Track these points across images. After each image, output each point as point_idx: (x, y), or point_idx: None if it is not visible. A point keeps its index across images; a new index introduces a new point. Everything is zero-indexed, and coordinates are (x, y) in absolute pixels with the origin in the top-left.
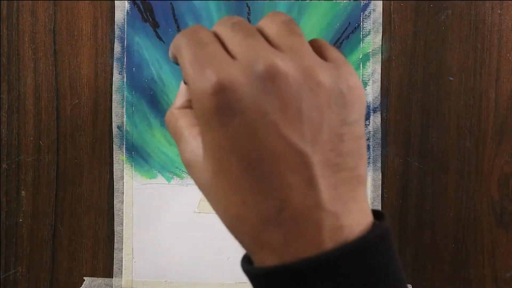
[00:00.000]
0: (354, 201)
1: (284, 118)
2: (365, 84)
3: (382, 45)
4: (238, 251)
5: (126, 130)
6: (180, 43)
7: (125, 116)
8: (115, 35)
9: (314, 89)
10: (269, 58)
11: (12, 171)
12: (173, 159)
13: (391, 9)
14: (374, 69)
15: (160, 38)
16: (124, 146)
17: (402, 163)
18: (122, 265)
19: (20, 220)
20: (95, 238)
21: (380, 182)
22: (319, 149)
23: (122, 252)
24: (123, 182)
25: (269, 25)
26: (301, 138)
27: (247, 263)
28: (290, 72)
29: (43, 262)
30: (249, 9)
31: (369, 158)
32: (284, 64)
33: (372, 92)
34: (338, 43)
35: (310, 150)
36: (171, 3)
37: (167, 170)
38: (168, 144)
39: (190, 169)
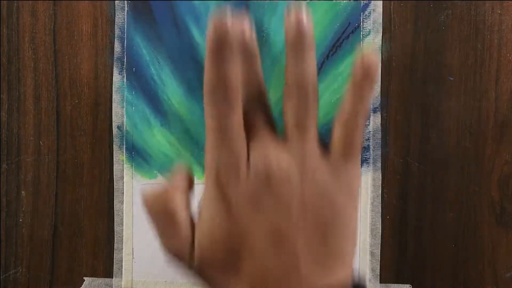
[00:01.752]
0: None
1: (276, 210)
2: None
3: (382, 45)
4: None
5: (126, 130)
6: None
7: (125, 116)
8: (115, 35)
9: (305, 185)
10: (270, 161)
11: (12, 171)
12: (173, 159)
13: (391, 9)
14: None
15: (160, 38)
16: (124, 146)
17: (402, 163)
18: (122, 265)
19: (20, 220)
20: (95, 238)
21: (380, 182)
22: (304, 235)
23: (122, 252)
24: (123, 182)
25: (288, 109)
26: (290, 226)
27: None
28: (284, 173)
29: (43, 262)
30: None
31: (369, 158)
32: (283, 165)
33: None
34: (338, 43)
35: (295, 234)
36: (171, 3)
37: (167, 170)
38: (168, 145)
39: (182, 254)
